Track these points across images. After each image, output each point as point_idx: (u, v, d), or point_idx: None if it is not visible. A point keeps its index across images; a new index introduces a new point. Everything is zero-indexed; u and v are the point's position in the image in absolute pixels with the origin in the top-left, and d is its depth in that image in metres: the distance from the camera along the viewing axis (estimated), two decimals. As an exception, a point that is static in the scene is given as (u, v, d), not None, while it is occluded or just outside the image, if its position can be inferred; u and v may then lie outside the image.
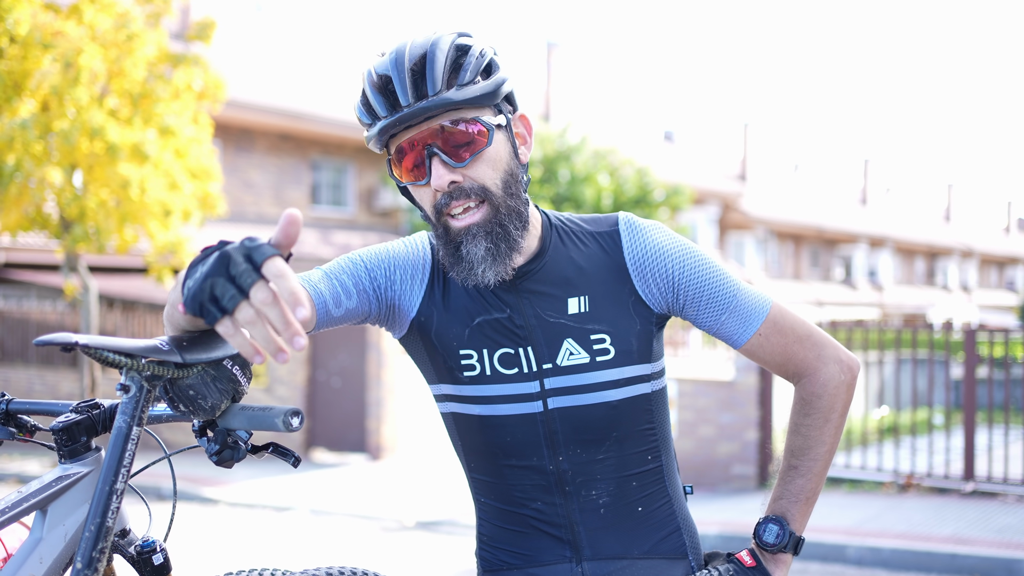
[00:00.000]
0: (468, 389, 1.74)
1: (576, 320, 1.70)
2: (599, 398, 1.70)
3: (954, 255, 48.22)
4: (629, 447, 1.73)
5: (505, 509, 1.78)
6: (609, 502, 1.73)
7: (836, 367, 1.75)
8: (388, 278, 1.75)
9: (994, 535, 7.30)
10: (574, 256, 1.73)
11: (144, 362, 1.32)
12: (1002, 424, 9.81)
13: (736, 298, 1.72)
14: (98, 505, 1.33)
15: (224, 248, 1.18)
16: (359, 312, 1.72)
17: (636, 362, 1.71)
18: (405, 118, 1.59)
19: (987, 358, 9.35)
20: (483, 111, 1.64)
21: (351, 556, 7.24)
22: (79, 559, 1.31)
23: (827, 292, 36.50)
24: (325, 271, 1.71)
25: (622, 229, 1.75)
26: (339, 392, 11.95)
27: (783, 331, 1.74)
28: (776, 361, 1.76)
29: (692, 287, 1.72)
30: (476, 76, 1.63)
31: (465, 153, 1.61)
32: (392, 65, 1.61)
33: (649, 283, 1.72)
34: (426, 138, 1.61)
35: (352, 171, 22.54)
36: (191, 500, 9.54)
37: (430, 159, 1.61)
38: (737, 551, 1.88)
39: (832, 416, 1.76)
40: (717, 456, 9.50)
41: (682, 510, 1.82)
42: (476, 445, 1.78)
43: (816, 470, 1.76)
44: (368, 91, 1.64)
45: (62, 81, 9.54)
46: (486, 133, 1.63)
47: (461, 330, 1.73)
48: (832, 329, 10.03)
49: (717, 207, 31.43)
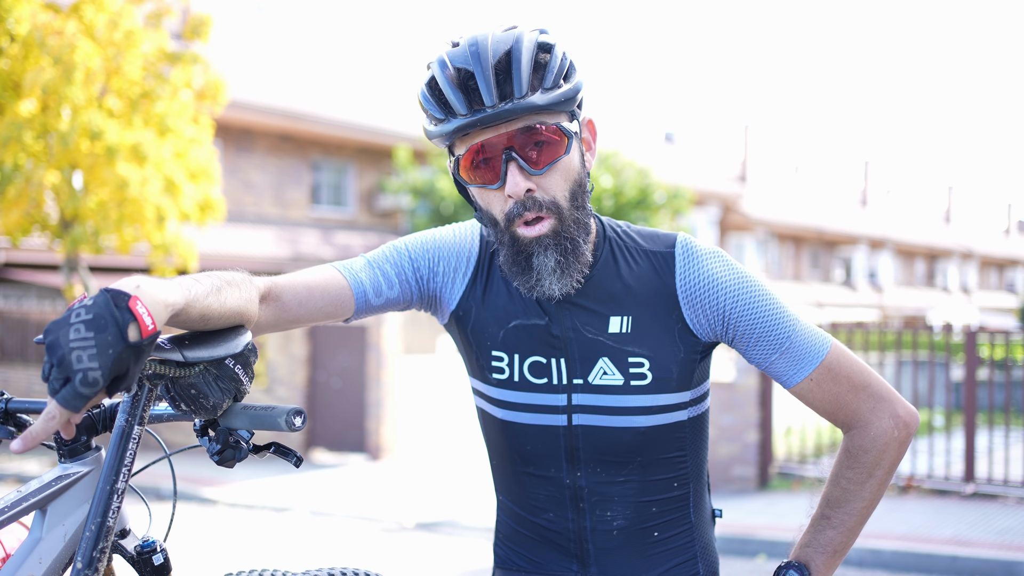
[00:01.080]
0: (495, 391, 1.71)
1: (615, 340, 1.63)
2: (628, 422, 1.63)
3: (954, 257, 48.22)
4: (653, 473, 1.67)
5: (519, 513, 1.75)
6: (624, 525, 1.67)
7: (890, 423, 1.64)
8: (431, 269, 1.72)
9: (995, 537, 7.29)
10: (623, 273, 1.66)
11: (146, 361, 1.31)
12: (1003, 426, 9.81)
13: (790, 339, 1.62)
14: (99, 505, 1.32)
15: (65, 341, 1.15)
16: (401, 301, 1.71)
17: (674, 390, 1.64)
18: (488, 119, 1.51)
19: (987, 360, 9.35)
20: (561, 116, 1.58)
21: (351, 557, 7.23)
22: (79, 559, 1.30)
23: (827, 293, 36.51)
24: (368, 260, 1.70)
25: (678, 252, 1.66)
26: (339, 392, 11.94)
27: (837, 379, 1.63)
28: (826, 408, 1.66)
29: (744, 323, 1.62)
30: (560, 79, 1.56)
31: (544, 159, 1.55)
32: (474, 59, 1.52)
33: (699, 313, 1.63)
34: (504, 141, 1.54)
35: (352, 172, 22.53)
36: (190, 500, 9.53)
37: (507, 163, 1.54)
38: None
39: (877, 472, 1.65)
40: (718, 457, 9.49)
41: (703, 538, 1.73)
42: (497, 447, 1.76)
43: (850, 524, 1.66)
44: (444, 84, 1.54)
45: (59, 80, 9.53)
46: (565, 141, 1.57)
47: (496, 330, 1.69)
48: (832, 330, 10.02)
49: (718, 208, 31.44)
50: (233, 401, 1.39)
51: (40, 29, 9.75)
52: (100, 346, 1.12)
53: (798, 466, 9.84)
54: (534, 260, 1.57)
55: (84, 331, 1.13)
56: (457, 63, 1.53)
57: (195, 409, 1.36)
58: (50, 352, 1.13)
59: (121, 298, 1.16)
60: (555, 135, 1.55)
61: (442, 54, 1.58)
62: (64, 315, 1.16)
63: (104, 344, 1.13)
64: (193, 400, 1.35)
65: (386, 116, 22.27)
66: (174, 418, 1.54)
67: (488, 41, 1.53)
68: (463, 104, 1.52)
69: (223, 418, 1.40)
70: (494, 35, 1.55)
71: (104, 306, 1.15)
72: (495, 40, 1.54)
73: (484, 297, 1.71)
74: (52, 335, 1.14)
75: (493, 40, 1.54)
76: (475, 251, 1.73)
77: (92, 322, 1.13)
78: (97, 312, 1.14)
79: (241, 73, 19.32)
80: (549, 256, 1.57)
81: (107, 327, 1.13)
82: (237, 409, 1.39)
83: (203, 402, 1.35)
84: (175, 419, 1.54)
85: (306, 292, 1.60)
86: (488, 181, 1.58)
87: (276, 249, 19.51)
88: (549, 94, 1.54)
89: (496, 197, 1.59)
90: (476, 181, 1.59)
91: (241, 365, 1.37)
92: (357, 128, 21.43)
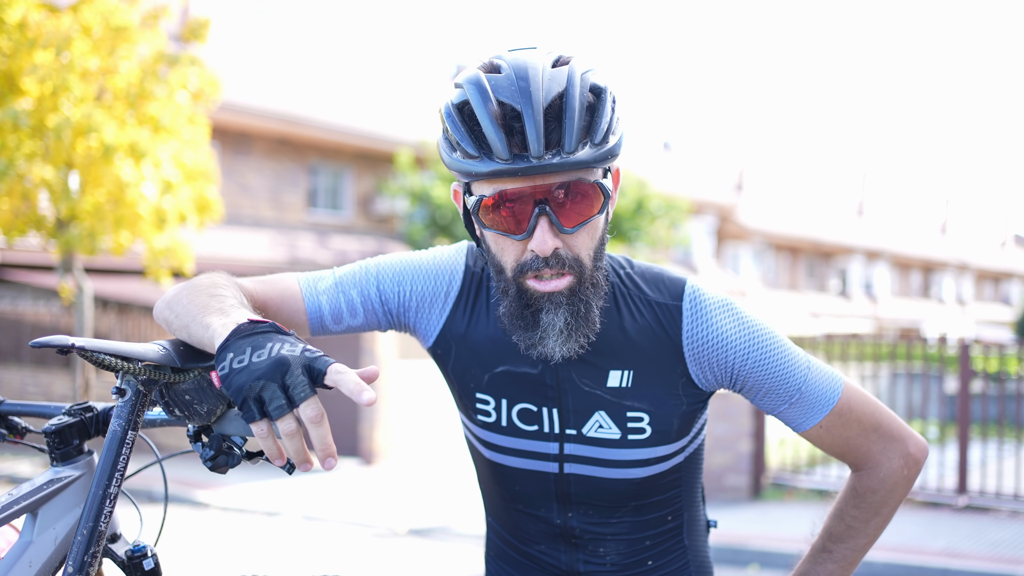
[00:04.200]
0: (482, 433, 1.62)
1: (614, 395, 1.53)
2: (623, 474, 1.56)
3: (950, 269, 48.29)
4: (647, 512, 1.62)
5: (510, 539, 1.70)
6: (617, 560, 1.62)
7: (900, 462, 1.59)
8: (401, 302, 1.59)
9: (987, 550, 7.29)
10: (626, 325, 1.54)
11: (140, 366, 1.31)
12: (996, 439, 9.81)
13: (801, 391, 1.54)
14: (91, 509, 1.32)
15: (282, 353, 1.16)
16: (368, 327, 1.62)
17: (673, 440, 1.56)
18: (532, 171, 1.35)
19: (982, 372, 9.36)
20: (599, 172, 1.44)
21: (343, 562, 7.22)
22: (71, 563, 1.30)
23: (823, 304, 36.55)
24: (337, 280, 1.59)
25: (685, 307, 1.54)
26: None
27: (848, 423, 1.56)
28: (836, 451, 1.61)
29: (754, 378, 1.54)
30: (610, 132, 1.41)
31: (577, 219, 1.41)
32: (523, 98, 1.35)
33: (705, 370, 1.54)
34: (540, 193, 1.38)
35: (350, 176, 22.53)
36: (183, 504, 9.50)
37: (537, 218, 1.38)
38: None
39: (883, 511, 1.61)
40: (710, 467, 9.48)
41: (698, 557, 1.70)
42: (486, 480, 1.70)
43: (851, 559, 1.63)
44: (485, 120, 1.36)
45: (55, 76, 9.52)
46: (602, 201, 1.43)
47: (480, 373, 1.57)
48: (827, 342, 10.03)
49: (714, 218, 31.47)
50: (227, 407, 1.39)
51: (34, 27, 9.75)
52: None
53: (791, 476, 9.84)
54: (543, 317, 1.44)
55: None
56: (502, 96, 1.36)
57: (189, 415, 1.36)
58: (278, 366, 1.16)
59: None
60: (593, 193, 1.41)
61: (480, 77, 1.40)
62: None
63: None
64: (187, 406, 1.34)
65: (384, 121, 22.28)
66: (168, 423, 1.54)
67: (540, 78, 1.37)
68: (504, 147, 1.35)
69: (216, 424, 1.39)
70: (545, 70, 1.38)
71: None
72: (547, 78, 1.37)
73: (466, 334, 1.58)
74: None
75: (545, 78, 1.37)
76: (457, 280, 1.60)
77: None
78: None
79: (239, 76, 19.32)
80: (560, 315, 1.43)
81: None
82: (231, 415, 1.39)
83: (197, 408, 1.35)
84: (169, 424, 1.54)
85: (274, 306, 1.56)
86: (510, 230, 1.42)
87: (272, 253, 19.50)
88: (598, 150, 1.38)
89: (514, 247, 1.44)
90: (496, 227, 1.42)
91: (235, 371, 1.37)
92: (355, 133, 21.44)
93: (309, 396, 1.13)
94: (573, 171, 1.39)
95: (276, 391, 1.13)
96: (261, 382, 1.14)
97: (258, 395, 1.14)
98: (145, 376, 1.31)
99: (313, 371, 1.14)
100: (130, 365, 1.31)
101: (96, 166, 9.86)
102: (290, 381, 1.13)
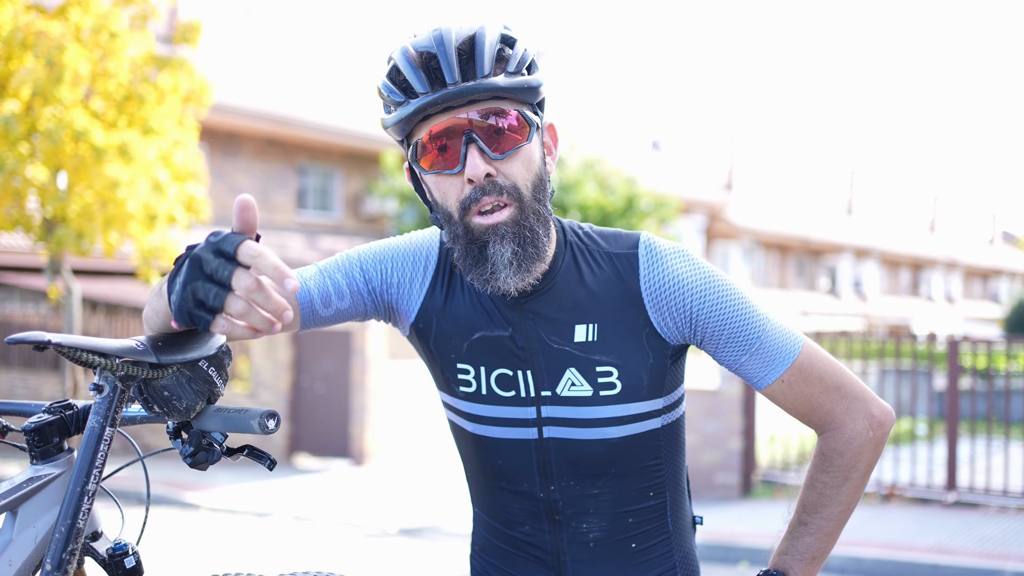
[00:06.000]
0: (464, 405, 1.65)
1: (581, 349, 1.57)
2: (599, 434, 1.58)
3: (939, 266, 48.47)
4: (629, 484, 1.63)
5: (495, 526, 1.72)
6: (600, 537, 1.64)
7: (864, 423, 1.59)
8: (384, 281, 1.65)
9: (976, 545, 7.32)
10: (586, 279, 1.59)
11: (118, 362, 1.31)
12: (985, 435, 9.85)
13: (760, 339, 1.56)
14: (69, 506, 1.31)
15: (192, 251, 1.18)
16: (354, 312, 1.65)
17: (645, 398, 1.58)
18: (449, 96, 1.44)
19: (970, 369, 9.39)
20: (524, 106, 1.52)
21: (333, 562, 7.20)
22: (48, 561, 1.29)
23: (812, 302, 36.64)
24: (320, 268, 1.64)
25: (641, 253, 1.59)
26: (323, 397, 11.91)
27: (809, 379, 1.58)
28: (799, 410, 1.61)
29: (712, 324, 1.56)
30: (523, 69, 1.52)
31: (505, 145, 1.49)
32: (436, 43, 1.47)
33: (665, 316, 1.57)
34: (465, 124, 1.47)
35: (339, 176, 22.51)
36: (172, 504, 9.48)
37: (467, 146, 1.47)
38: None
39: (852, 475, 1.61)
40: (700, 465, 9.50)
41: (682, 547, 1.70)
42: (471, 460, 1.72)
43: (827, 529, 1.62)
44: (405, 66, 1.48)
45: (46, 80, 9.49)
46: (527, 130, 1.51)
47: (459, 343, 1.62)
48: (816, 339, 10.05)
49: (704, 216, 31.52)
50: (207, 403, 1.38)
51: (23, 29, 9.72)
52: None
53: (781, 474, 9.86)
54: (489, 250, 1.49)
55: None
56: (420, 47, 1.48)
57: (168, 411, 1.35)
58: (193, 265, 1.18)
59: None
60: (517, 122, 1.50)
61: (404, 43, 1.53)
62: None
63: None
64: (166, 402, 1.34)
65: (373, 121, 22.25)
66: (147, 420, 1.53)
67: (451, 28, 1.49)
68: (423, 83, 1.46)
69: (196, 420, 1.39)
70: (458, 24, 1.52)
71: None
72: (459, 28, 1.50)
73: (445, 307, 1.63)
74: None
75: (457, 28, 1.50)
76: (433, 258, 1.66)
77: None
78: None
79: (228, 77, 19.29)
80: (505, 246, 1.48)
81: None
82: (211, 411, 1.38)
83: (176, 404, 1.34)
84: (148, 421, 1.53)
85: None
86: (447, 166, 1.50)
87: (262, 253, 19.43)
88: (512, 78, 1.49)
89: (453, 185, 1.51)
90: (434, 167, 1.51)
91: (215, 367, 1.36)
92: (344, 133, 21.41)
93: (233, 270, 1.14)
94: (493, 99, 1.48)
95: (205, 285, 1.14)
96: (189, 287, 1.16)
97: (195, 299, 1.15)
98: (123, 372, 1.31)
99: (223, 252, 1.15)
100: (107, 361, 1.30)
101: (86, 167, 9.84)
102: (209, 269, 1.14)
